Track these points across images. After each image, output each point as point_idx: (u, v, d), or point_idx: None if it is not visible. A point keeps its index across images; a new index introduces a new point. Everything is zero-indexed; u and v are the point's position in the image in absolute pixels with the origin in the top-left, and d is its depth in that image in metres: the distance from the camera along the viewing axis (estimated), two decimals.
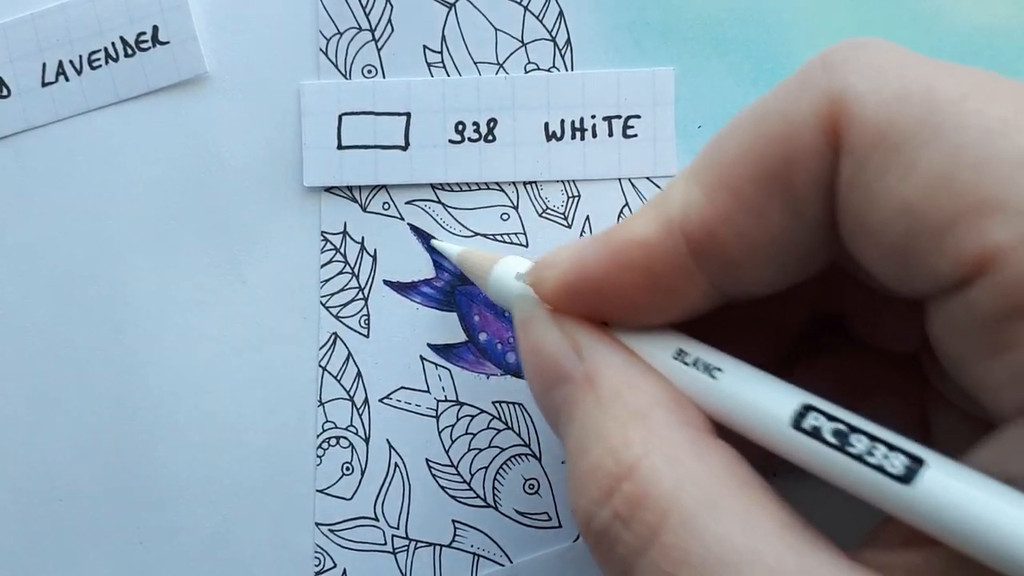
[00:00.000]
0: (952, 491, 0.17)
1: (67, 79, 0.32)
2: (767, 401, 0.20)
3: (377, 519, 0.31)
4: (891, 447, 0.18)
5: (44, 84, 0.32)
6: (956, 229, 0.17)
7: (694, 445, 0.19)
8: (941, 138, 0.17)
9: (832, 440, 0.18)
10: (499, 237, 0.31)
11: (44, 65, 0.32)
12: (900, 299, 0.20)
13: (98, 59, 0.32)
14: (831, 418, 0.19)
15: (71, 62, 0.32)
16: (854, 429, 0.18)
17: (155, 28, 0.32)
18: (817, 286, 0.22)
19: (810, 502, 0.20)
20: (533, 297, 0.23)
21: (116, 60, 0.32)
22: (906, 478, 0.17)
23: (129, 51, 0.32)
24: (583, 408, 0.21)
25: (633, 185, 0.31)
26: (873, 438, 0.18)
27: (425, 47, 0.31)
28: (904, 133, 0.17)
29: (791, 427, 0.19)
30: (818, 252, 0.20)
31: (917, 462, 0.17)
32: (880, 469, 0.18)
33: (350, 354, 0.31)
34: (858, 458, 0.18)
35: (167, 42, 0.32)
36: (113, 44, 0.32)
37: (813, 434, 0.19)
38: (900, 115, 0.18)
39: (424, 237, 0.31)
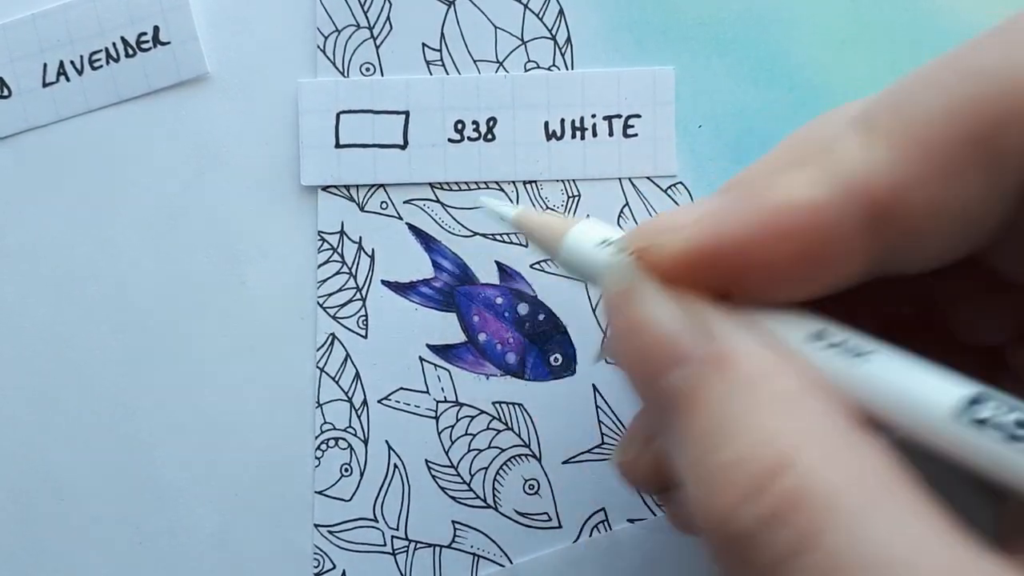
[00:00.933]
0: None
1: (68, 79, 0.32)
2: (930, 390, 0.17)
3: (376, 520, 0.31)
4: None
5: (45, 84, 0.32)
6: None
7: (850, 439, 0.17)
8: None
9: (1018, 432, 0.16)
10: (499, 237, 0.31)
11: (45, 65, 0.32)
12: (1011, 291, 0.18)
13: (99, 59, 0.32)
14: (1012, 407, 0.16)
15: (72, 62, 0.32)
16: None
17: (156, 28, 0.32)
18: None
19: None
20: (635, 265, 0.20)
21: (117, 60, 0.32)
22: None
23: (130, 51, 0.32)
24: (714, 394, 0.18)
25: (633, 184, 0.31)
26: None
27: (424, 45, 0.31)
28: None
29: (963, 420, 0.16)
30: (1001, 226, 0.18)
31: None
32: None
33: (348, 355, 0.31)
34: None
35: (168, 42, 0.32)
36: (114, 44, 0.32)
37: (992, 426, 0.16)
38: None
39: (423, 237, 0.31)
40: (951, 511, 0.16)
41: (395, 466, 0.31)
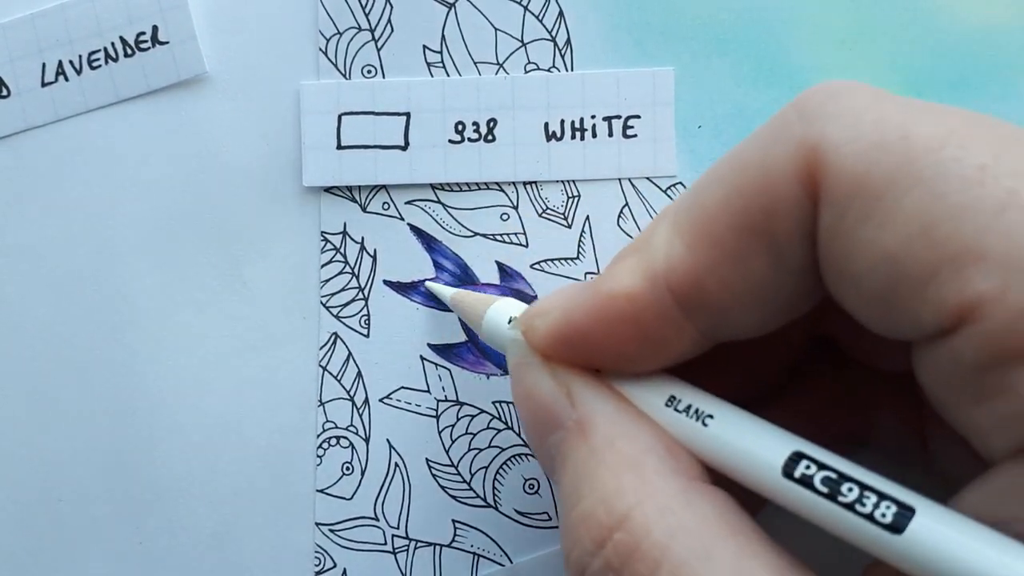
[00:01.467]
0: (941, 539, 0.17)
1: (67, 79, 0.32)
2: (758, 449, 0.20)
3: (377, 519, 0.31)
4: (881, 495, 0.18)
5: (44, 84, 0.32)
6: (937, 279, 0.17)
7: (686, 493, 0.19)
8: (920, 187, 0.17)
9: (823, 488, 0.18)
10: (499, 237, 0.31)
11: (44, 65, 0.32)
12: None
13: (98, 59, 0.32)
14: (822, 466, 0.19)
15: (71, 62, 0.32)
16: (845, 477, 0.18)
17: (155, 28, 0.32)
18: (810, 314, 0.22)
19: (802, 534, 0.20)
20: (526, 343, 0.23)
21: (116, 60, 0.32)
22: (896, 527, 0.17)
23: (129, 51, 0.32)
24: (575, 456, 0.21)
25: (633, 185, 0.31)
26: (864, 486, 0.18)
27: (425, 47, 0.31)
28: (882, 182, 0.17)
29: (782, 475, 0.19)
30: (804, 296, 0.20)
31: (907, 510, 0.18)
32: (870, 518, 0.18)
33: (350, 354, 0.31)
34: (849, 507, 0.18)
35: (167, 42, 0.32)
36: (113, 44, 0.32)
37: (804, 482, 0.19)
38: (877, 164, 0.18)
39: (424, 238, 0.31)
40: (797, 554, 0.19)
41: (396, 465, 0.31)
